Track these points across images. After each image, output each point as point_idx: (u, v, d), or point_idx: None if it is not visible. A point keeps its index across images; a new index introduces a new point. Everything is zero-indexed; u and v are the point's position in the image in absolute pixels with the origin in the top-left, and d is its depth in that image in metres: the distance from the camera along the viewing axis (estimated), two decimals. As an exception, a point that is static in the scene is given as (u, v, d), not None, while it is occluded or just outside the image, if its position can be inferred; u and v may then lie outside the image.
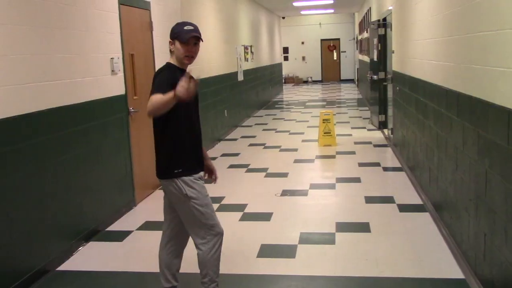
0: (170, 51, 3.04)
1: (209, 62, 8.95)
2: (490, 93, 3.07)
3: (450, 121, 4.12)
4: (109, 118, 5.02)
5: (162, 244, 3.26)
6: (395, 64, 7.90)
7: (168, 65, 3.05)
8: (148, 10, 6.09)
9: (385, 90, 9.71)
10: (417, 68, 5.74)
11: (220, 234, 3.12)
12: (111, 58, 5.07)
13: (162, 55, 6.54)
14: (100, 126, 4.85)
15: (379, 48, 9.64)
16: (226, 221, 4.89)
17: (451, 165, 4.13)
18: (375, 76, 9.97)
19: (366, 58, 14.33)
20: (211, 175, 3.40)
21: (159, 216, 5.28)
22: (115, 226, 4.94)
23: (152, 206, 5.63)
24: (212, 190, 6.03)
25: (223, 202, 5.59)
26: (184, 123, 3.00)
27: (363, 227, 4.62)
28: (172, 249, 3.23)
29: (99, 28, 4.86)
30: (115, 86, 5.18)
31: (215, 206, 5.44)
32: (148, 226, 4.94)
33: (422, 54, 5.41)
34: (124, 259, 4.18)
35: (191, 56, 3.02)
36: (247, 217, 5.07)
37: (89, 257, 4.22)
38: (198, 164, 3.11)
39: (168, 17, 6.82)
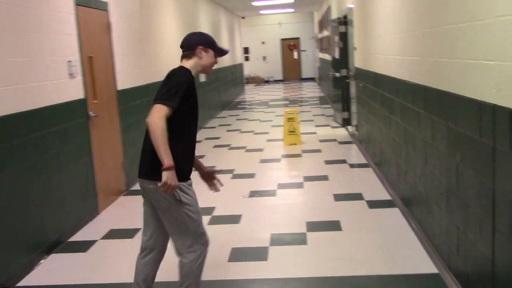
0: (194, 56, 2.90)
1: (170, 63, 8.73)
2: (459, 86, 3.04)
3: (417, 115, 4.10)
4: (68, 124, 4.80)
5: (142, 255, 3.04)
6: (358, 61, 7.91)
7: (186, 71, 2.84)
8: (106, 11, 5.88)
9: (347, 87, 9.72)
10: (382, 64, 5.73)
11: (207, 243, 2.97)
12: (69, 61, 4.85)
13: (123, 58, 6.34)
14: (59, 132, 4.63)
15: (341, 46, 9.66)
16: (195, 225, 4.77)
17: (420, 159, 4.11)
18: (337, 74, 9.98)
19: (327, 56, 14.38)
20: (212, 181, 3.30)
21: (124, 223, 5.14)
22: (78, 236, 4.72)
23: (116, 213, 5.43)
24: None
25: (191, 206, 5.44)
26: (193, 129, 2.90)
27: (334, 226, 4.56)
28: (152, 260, 3.03)
29: (55, 30, 4.64)
30: (73, 90, 4.96)
31: (182, 210, 5.29)
32: (113, 234, 4.75)
33: (386, 50, 5.40)
34: (88, 270, 3.98)
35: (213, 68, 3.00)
36: (216, 220, 4.95)
37: (51, 270, 4.01)
38: (191, 170, 2.96)
39: (127, 18, 6.63)
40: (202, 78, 11.56)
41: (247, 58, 25.54)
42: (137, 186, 6.35)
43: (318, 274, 3.64)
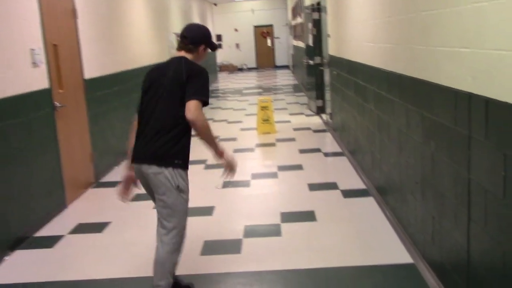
0: (196, 52, 3.05)
1: (140, 51, 8.58)
2: (434, 74, 3.01)
3: (392, 103, 4.08)
4: (32, 115, 4.64)
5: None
6: (332, 48, 7.87)
7: (200, 65, 3.02)
8: (70, -4, 5.69)
9: (321, 75, 9.70)
10: (355, 52, 5.70)
11: (185, 235, 3.07)
12: (32, 49, 4.68)
13: (89, 45, 6.17)
14: (22, 124, 4.47)
15: (314, 33, 9.61)
16: (166, 218, 4.68)
17: (394, 148, 4.10)
18: (311, 61, 9.94)
19: (300, 44, 14.34)
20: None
21: (93, 217, 5.01)
22: (44, 231, 4.59)
23: (85, 206, 5.30)
24: None
25: (162, 198, 5.34)
26: None
27: (309, 216, 4.53)
28: None
29: (16, 17, 4.46)
30: (37, 80, 4.79)
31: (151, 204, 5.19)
32: (81, 228, 4.63)
33: (360, 37, 5.37)
34: (55, 267, 3.87)
35: None
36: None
37: (16, 268, 3.88)
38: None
39: (94, 3, 6.44)
40: (174, 66, 11.38)
41: (220, 46, 25.31)
42: (107, 178, 6.24)
43: (292, 266, 3.60)
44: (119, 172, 6.53)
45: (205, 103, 2.83)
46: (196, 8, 16.39)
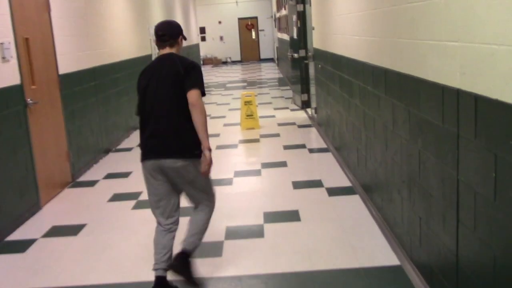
0: (177, 44, 3.26)
1: (119, 45, 8.40)
2: (420, 68, 2.92)
3: (377, 99, 3.99)
4: (2, 113, 4.47)
5: (164, 233, 3.27)
6: (316, 41, 7.77)
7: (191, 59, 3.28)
8: (43, -12, 5.51)
9: (306, 68, 9.61)
10: (340, 45, 5.60)
11: (215, 202, 3.45)
12: (1, 43, 4.50)
13: (63, 39, 5.99)
14: (-9, 121, 4.31)
15: (299, 25, 9.50)
16: (143, 218, 4.56)
17: (380, 145, 4.01)
18: (295, 54, 9.83)
19: (285, 36, 14.22)
20: None
21: (68, 219, 4.86)
22: (15, 235, 4.43)
23: (60, 207, 5.14)
24: (127, 185, 5.66)
25: (141, 198, 5.21)
26: None
27: (292, 216, 4.43)
28: (172, 236, 3.31)
29: (-17, 9, 4.29)
30: (7, 75, 4.62)
31: (132, 203, 5.06)
32: (55, 232, 4.48)
33: (345, 29, 5.27)
34: (27, 272, 3.72)
35: None
36: (168, 213, 4.73)
37: (-15, 274, 3.73)
38: None
39: (68, -5, 6.26)
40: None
41: (203, 39, 25.15)
42: (84, 177, 6.08)
43: (275, 270, 3.50)
44: (97, 170, 6.40)
45: (203, 93, 3.09)
46: (178, 0, 16.18)
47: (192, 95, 3.03)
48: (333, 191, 4.99)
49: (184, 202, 3.38)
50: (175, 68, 3.09)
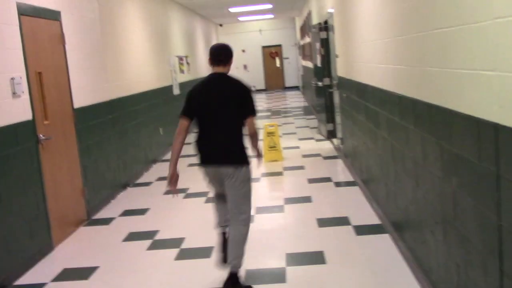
0: (229, 65, 3.89)
1: (138, 76, 8.38)
2: (453, 99, 2.71)
3: (406, 131, 3.77)
4: (12, 150, 4.38)
5: (222, 228, 3.97)
6: (340, 69, 7.61)
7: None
8: (58, 21, 5.49)
9: (331, 97, 9.42)
10: (365, 73, 5.42)
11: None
12: (12, 78, 4.45)
13: (79, 72, 5.95)
14: (2, 159, 4.22)
15: (322, 53, 9.37)
16: (158, 260, 4.39)
17: (410, 181, 3.77)
18: (319, 83, 9.68)
19: (309, 64, 14.11)
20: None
21: (81, 261, 4.68)
22: (25, 279, 4.29)
23: (74, 247, 5.00)
24: (144, 223, 5.51)
25: (156, 237, 5.04)
26: None
27: (317, 258, 4.19)
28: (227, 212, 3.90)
29: (-6, 44, 4.25)
30: (18, 111, 4.55)
31: (148, 243, 4.89)
32: (66, 275, 4.33)
33: (369, 57, 5.09)
34: (33, 322, 3.57)
35: None
36: (185, 254, 4.55)
37: (-11, 324, 3.58)
38: None
39: (84, 28, 6.24)
40: (176, 90, 11.20)
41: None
42: (101, 214, 5.95)
43: (297, 320, 3.26)
44: (114, 207, 6.28)
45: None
46: (200, 29, 16.28)
47: (252, 122, 3.74)
48: (361, 230, 4.74)
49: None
50: (238, 90, 3.76)
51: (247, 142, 3.77)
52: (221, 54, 3.83)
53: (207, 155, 3.80)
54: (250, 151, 3.80)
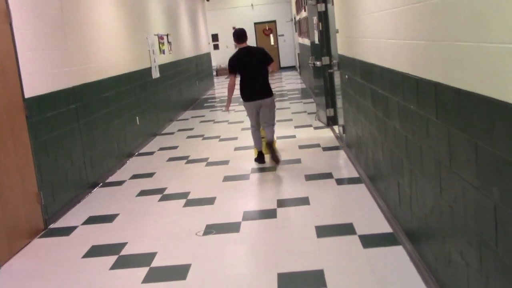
0: (247, 40, 7.14)
1: (108, 58, 7.77)
2: (496, 85, 2.14)
3: (425, 123, 3.22)
4: None
5: (256, 128, 7.10)
6: (341, 46, 7.02)
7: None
8: (1, -6, 4.88)
9: (331, 78, 8.85)
10: (371, 51, 4.84)
11: None
12: None
13: (32, 54, 5.36)
14: None
15: (320, 28, 8.77)
16: (123, 282, 3.84)
17: (431, 185, 3.23)
18: (317, 62, 9.09)
19: (306, 41, 13.51)
20: None
21: (30, 284, 4.05)
22: (-44, 312, 3.75)
23: (24, 266, 4.45)
24: (110, 233, 4.60)
25: (123, 252, 4.49)
26: None
27: (316, 279, 3.65)
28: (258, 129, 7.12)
29: None
30: None
31: (112, 259, 4.34)
32: (8, 304, 3.79)
33: (376, 31, 4.51)
34: None
35: None
36: (155, 275, 4.00)
37: None
38: None
39: (38, 1, 5.62)
40: (155, 73, 10.59)
41: (216, 47, 24.61)
42: (62, 222, 5.30)
43: None
44: (78, 212, 5.73)
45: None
46: (184, 5, 15.61)
47: (274, 64, 7.12)
48: (369, 240, 4.20)
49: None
50: (260, 51, 7.09)
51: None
52: (243, 35, 7.01)
53: (251, 94, 6.86)
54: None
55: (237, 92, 6.93)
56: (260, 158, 7.09)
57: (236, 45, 7.02)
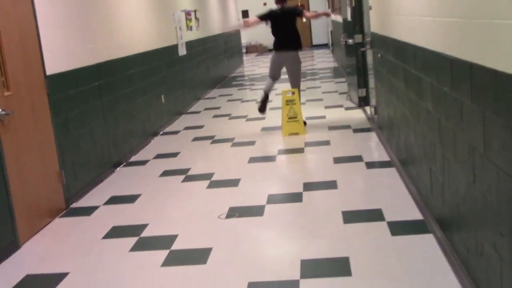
0: (286, 2, 8.08)
1: (133, 35, 7.76)
2: (535, 66, 2.03)
3: (459, 106, 3.11)
4: (-42, 129, 3.85)
5: (273, 81, 8.14)
6: (374, 23, 6.87)
7: None
8: (22, -33, 4.88)
9: (363, 57, 8.69)
10: (404, 28, 4.71)
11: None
12: (-43, 39, 3.88)
13: (53, 31, 5.37)
14: None
15: (353, 5, 8.60)
16: (142, 263, 3.83)
17: (464, 172, 3.13)
18: (350, 40, 8.94)
19: (339, 18, 13.29)
20: None
21: (50, 264, 4.09)
22: (-25, 290, 3.81)
23: (43, 246, 4.50)
24: (131, 214, 4.55)
25: (143, 234, 4.50)
26: None
27: (341, 267, 3.59)
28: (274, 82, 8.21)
29: None
30: (-33, 80, 4.00)
31: (133, 240, 4.36)
32: (26, 285, 3.82)
33: (410, 7, 4.37)
34: None
35: None
36: (175, 258, 4.00)
37: None
38: None
39: (60, -24, 5.62)
40: (182, 50, 10.56)
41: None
42: (83, 202, 5.34)
43: None
44: (100, 192, 5.77)
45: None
46: (213, -21, 15.49)
47: (307, 13, 8.25)
48: (398, 228, 4.12)
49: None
50: (293, 9, 8.09)
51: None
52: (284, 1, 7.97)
53: (280, 45, 7.91)
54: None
55: (264, 70, 6.83)
56: (263, 104, 8.19)
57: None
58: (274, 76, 8.03)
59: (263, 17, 7.94)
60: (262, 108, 8.20)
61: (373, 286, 3.33)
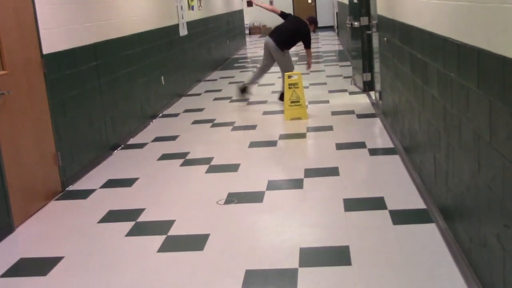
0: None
1: (132, 13, 7.71)
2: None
3: (465, 93, 3.08)
4: (-49, 109, 3.84)
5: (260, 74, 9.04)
6: (381, 5, 6.82)
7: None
8: None
9: (369, 40, 8.64)
10: (411, 11, 4.67)
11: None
12: (-50, 16, 3.86)
13: (50, 8, 5.34)
14: None
15: (360, -15, 8.53)
16: (138, 251, 3.82)
17: (469, 161, 3.11)
18: (355, 23, 8.88)
19: (346, 0, 13.21)
20: None
21: (44, 248, 4.11)
22: (-33, 273, 3.82)
23: (38, 229, 4.51)
24: (128, 198, 4.48)
25: (140, 218, 4.51)
26: None
27: (341, 258, 3.58)
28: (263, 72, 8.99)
29: None
30: (-39, 59, 3.98)
31: (129, 225, 4.36)
32: (20, 268, 3.83)
33: (418, -10, 4.33)
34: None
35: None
36: (171, 244, 4.00)
37: None
38: None
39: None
40: (183, 31, 10.51)
41: (249, 3, 24.26)
42: (79, 185, 5.34)
43: None
44: (97, 175, 5.77)
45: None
46: (216, -42, 15.37)
47: (308, 52, 8.91)
48: (400, 217, 4.11)
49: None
50: (304, 31, 8.67)
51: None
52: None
53: (274, 34, 8.61)
54: None
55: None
56: (244, 90, 9.03)
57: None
58: (266, 65, 8.91)
59: (282, 15, 8.92)
60: (243, 90, 9.08)
61: (373, 276, 3.33)
